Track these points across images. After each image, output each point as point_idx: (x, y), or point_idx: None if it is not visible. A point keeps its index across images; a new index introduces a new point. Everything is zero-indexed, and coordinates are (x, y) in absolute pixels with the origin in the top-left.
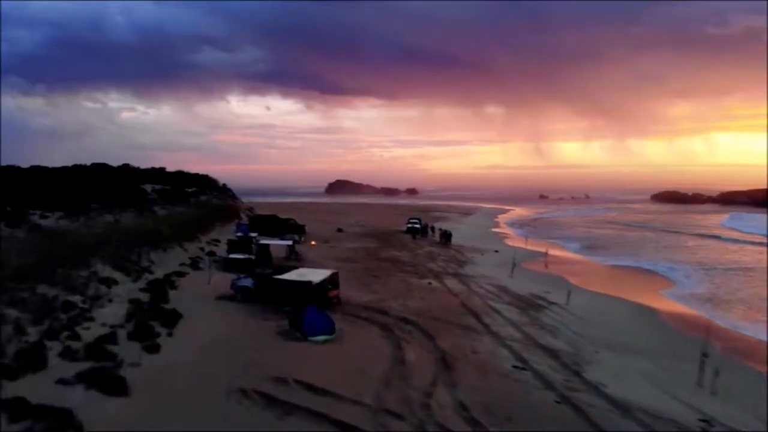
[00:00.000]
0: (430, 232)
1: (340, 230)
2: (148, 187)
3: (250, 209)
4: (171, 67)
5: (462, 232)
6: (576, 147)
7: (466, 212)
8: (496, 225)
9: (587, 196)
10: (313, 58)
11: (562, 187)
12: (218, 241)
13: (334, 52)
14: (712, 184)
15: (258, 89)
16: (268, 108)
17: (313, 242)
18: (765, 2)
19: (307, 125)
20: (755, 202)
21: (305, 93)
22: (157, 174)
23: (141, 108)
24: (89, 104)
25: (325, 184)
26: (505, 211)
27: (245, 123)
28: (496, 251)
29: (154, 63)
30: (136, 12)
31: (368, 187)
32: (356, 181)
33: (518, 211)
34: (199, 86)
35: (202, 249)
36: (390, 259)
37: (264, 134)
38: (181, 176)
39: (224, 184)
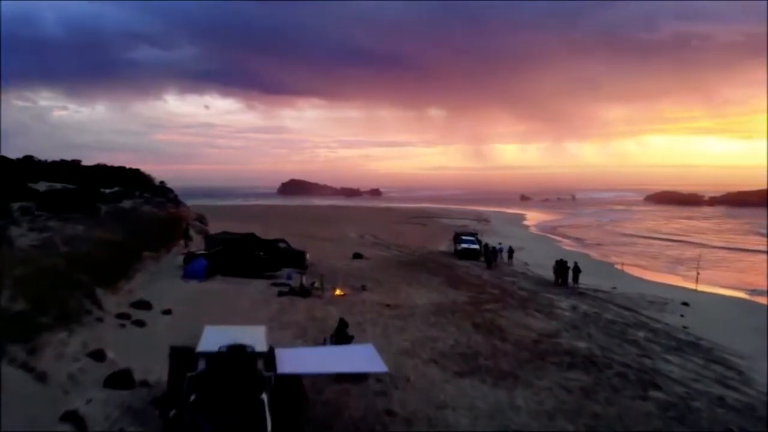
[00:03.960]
0: (500, 256)
1: (358, 256)
2: (42, 186)
3: (201, 220)
4: (105, 65)
5: (526, 252)
6: (514, 149)
7: (478, 218)
8: (547, 238)
9: (573, 197)
10: (253, 57)
11: (519, 188)
12: (147, 305)
13: (276, 51)
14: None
15: (196, 88)
16: (206, 107)
17: (338, 291)
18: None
19: (248, 125)
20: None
21: (246, 92)
22: (60, 168)
23: (73, 107)
24: (19, 103)
25: (276, 185)
26: (521, 217)
27: (184, 122)
28: (614, 288)
29: (87, 61)
30: (68, 9)
31: (326, 187)
32: (310, 180)
33: (536, 216)
34: (135, 84)
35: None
36: (530, 341)
37: (204, 133)
38: (98, 171)
39: (162, 183)
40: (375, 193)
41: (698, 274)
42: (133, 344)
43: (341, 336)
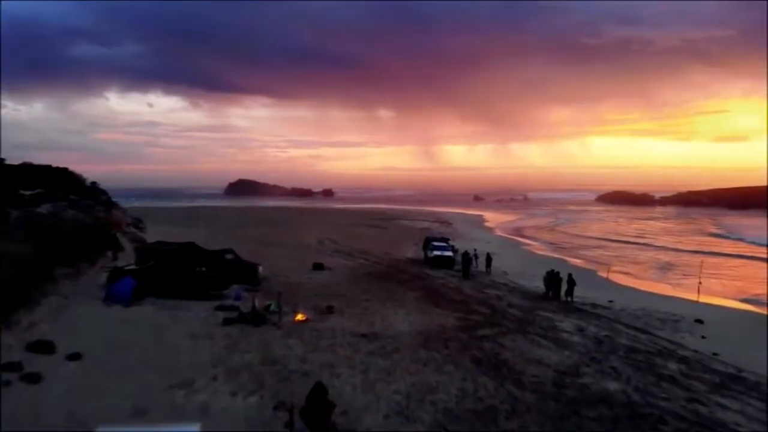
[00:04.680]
0: (475, 263)
1: (319, 267)
2: None
3: (137, 225)
4: (43, 61)
5: (499, 258)
6: (462, 150)
7: (438, 220)
8: (514, 242)
9: (526, 197)
10: (198, 55)
11: (470, 188)
12: (49, 347)
13: (222, 49)
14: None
15: (139, 86)
16: (150, 105)
17: (300, 316)
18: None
19: (193, 123)
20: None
21: (191, 90)
22: None
23: (11, 105)
24: None
25: (223, 185)
26: (481, 218)
27: (127, 121)
28: (611, 302)
29: (24, 57)
30: (3, 4)
31: (276, 187)
32: (259, 181)
33: (495, 217)
34: (75, 82)
35: None
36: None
37: (148, 132)
38: (19, 171)
39: (94, 183)
40: (328, 193)
41: (700, 284)
42: (14, 419)
43: (317, 410)
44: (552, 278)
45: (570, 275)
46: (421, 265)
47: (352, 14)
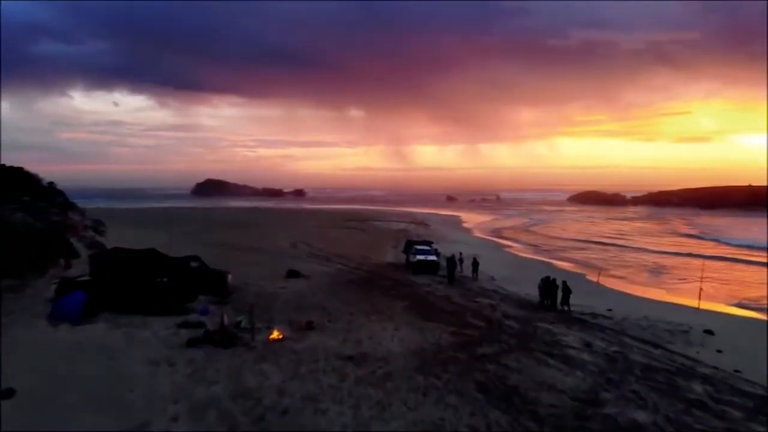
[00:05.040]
0: (459, 268)
1: (294, 274)
2: None
3: (97, 228)
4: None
5: (482, 261)
6: (433, 150)
7: (414, 220)
8: (495, 244)
9: (498, 198)
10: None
11: (442, 188)
12: None
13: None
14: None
15: (104, 84)
16: (116, 104)
17: (275, 333)
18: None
19: (160, 122)
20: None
21: (158, 89)
22: None
23: None
24: None
25: (191, 185)
26: (457, 219)
27: (92, 120)
28: (610, 310)
29: None
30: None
31: (246, 187)
32: (228, 180)
33: (472, 218)
34: (38, 80)
35: None
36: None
37: (113, 132)
38: None
39: (51, 184)
40: (299, 193)
41: (701, 290)
42: None
43: None
44: (547, 286)
45: (565, 282)
46: (403, 270)
47: (322, 14)
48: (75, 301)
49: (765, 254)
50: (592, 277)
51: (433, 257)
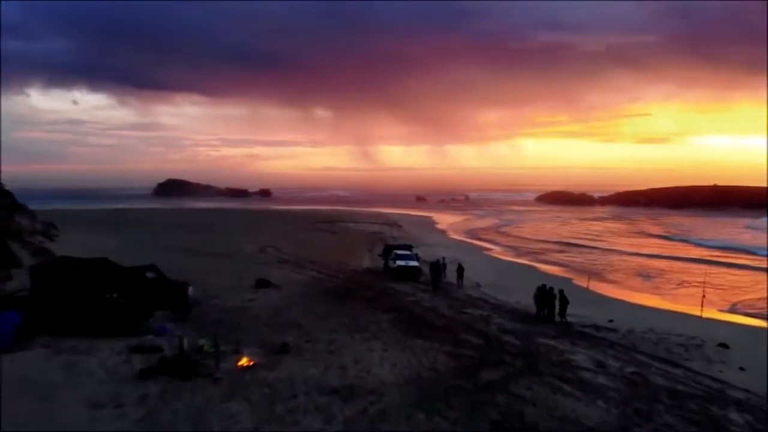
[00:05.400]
0: (443, 273)
1: (264, 284)
2: None
3: (47, 232)
4: None
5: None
6: (399, 151)
7: (386, 221)
8: (473, 246)
9: (467, 198)
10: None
11: (410, 189)
12: None
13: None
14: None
15: (63, 82)
16: (75, 102)
17: (244, 360)
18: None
19: (121, 121)
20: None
21: (118, 87)
22: None
23: None
24: None
25: (152, 185)
26: (430, 219)
27: (50, 118)
28: (611, 321)
29: None
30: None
31: (210, 187)
32: (191, 180)
33: (444, 219)
34: None
35: None
36: None
37: (72, 130)
38: None
39: None
40: (265, 193)
41: (704, 297)
42: None
43: None
44: (544, 295)
45: (562, 292)
46: (382, 276)
47: (285, 13)
48: (5, 323)
49: (742, 256)
50: (581, 283)
51: (414, 263)
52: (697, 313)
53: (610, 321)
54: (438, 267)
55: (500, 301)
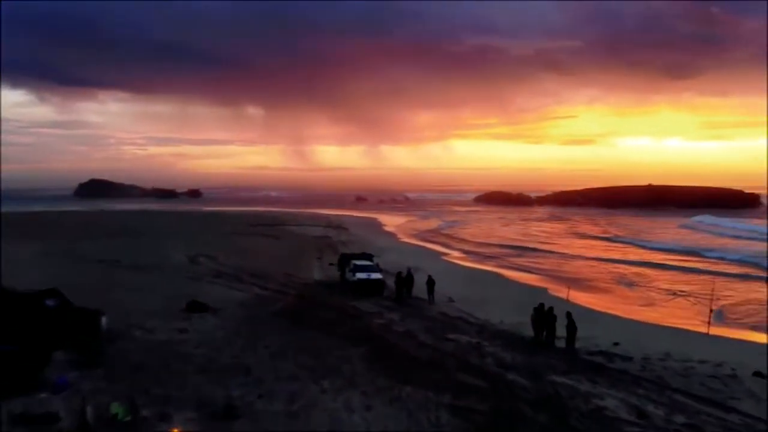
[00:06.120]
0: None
1: (198, 307)
2: None
3: None
4: None
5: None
6: (335, 151)
7: (330, 224)
8: (427, 250)
9: (407, 198)
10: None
11: (347, 189)
12: None
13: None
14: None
15: None
16: None
17: None
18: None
19: (41, 119)
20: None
21: (39, 83)
22: None
23: None
24: None
25: (73, 186)
26: (376, 221)
27: None
28: (617, 344)
29: None
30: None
31: (135, 188)
32: (115, 180)
33: (390, 220)
34: None
35: None
36: None
37: None
38: None
39: None
40: (194, 193)
41: (711, 311)
42: None
43: None
44: (543, 317)
45: (569, 315)
46: (339, 291)
47: (217, 11)
48: None
49: (693, 258)
50: (557, 293)
51: (377, 275)
52: (699, 328)
53: (616, 344)
54: (403, 279)
55: (481, 320)
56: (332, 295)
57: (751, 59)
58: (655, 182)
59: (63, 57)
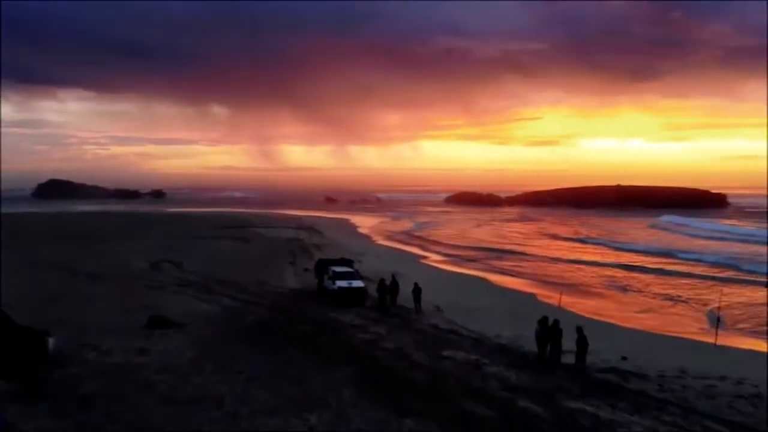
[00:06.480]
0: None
1: (161, 323)
2: None
3: None
4: None
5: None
6: (301, 150)
7: (302, 226)
8: (404, 253)
9: (378, 198)
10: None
11: (315, 189)
12: None
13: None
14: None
15: None
16: None
17: None
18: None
19: None
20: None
21: None
22: None
23: None
24: None
25: (32, 186)
26: (348, 222)
27: None
28: (625, 358)
29: None
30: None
31: (97, 188)
32: (75, 181)
33: (362, 221)
34: None
35: None
36: None
37: None
38: None
39: None
40: (158, 194)
41: (719, 319)
42: None
43: None
44: (549, 331)
45: (580, 330)
46: (317, 300)
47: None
48: None
49: (669, 260)
50: (547, 299)
51: (359, 283)
52: (702, 337)
53: (624, 359)
54: (387, 287)
55: (475, 333)
56: (310, 305)
57: (710, 62)
58: (622, 182)
59: (22, 54)
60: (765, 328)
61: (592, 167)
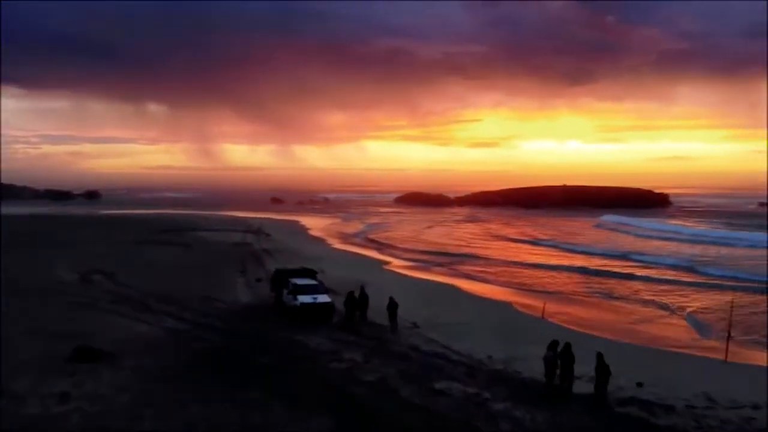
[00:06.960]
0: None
1: (87, 355)
2: None
3: None
4: None
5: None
6: (244, 150)
7: (249, 228)
8: (364, 258)
9: (326, 199)
10: None
11: (259, 189)
12: None
13: None
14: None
15: None
16: None
17: None
18: None
19: None
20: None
21: None
22: None
23: None
24: None
25: None
26: (298, 224)
27: None
28: (640, 384)
29: None
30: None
31: (26, 189)
32: (6, 182)
33: (313, 223)
34: None
35: None
36: None
37: None
38: None
39: None
40: (92, 195)
41: (729, 336)
42: None
43: None
44: (560, 357)
45: (600, 357)
46: (275, 317)
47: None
48: None
49: (629, 263)
50: (525, 309)
51: (325, 298)
52: (710, 354)
53: (639, 385)
54: (356, 301)
55: (464, 356)
56: (268, 325)
57: (642, 66)
58: (567, 183)
59: None
60: (758, 337)
61: (532, 168)
